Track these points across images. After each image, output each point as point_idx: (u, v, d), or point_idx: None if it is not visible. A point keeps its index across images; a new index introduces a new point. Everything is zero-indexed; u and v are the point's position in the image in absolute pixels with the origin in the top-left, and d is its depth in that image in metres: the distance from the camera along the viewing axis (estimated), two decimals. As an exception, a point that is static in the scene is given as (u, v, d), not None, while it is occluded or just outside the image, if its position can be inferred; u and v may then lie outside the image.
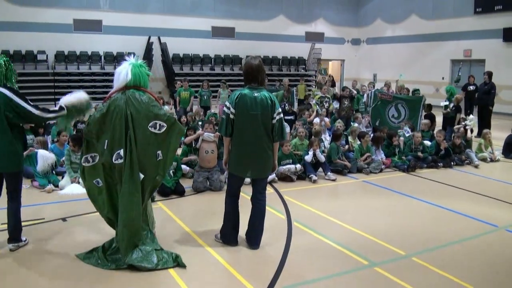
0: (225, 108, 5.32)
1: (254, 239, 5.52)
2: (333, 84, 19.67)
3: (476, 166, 10.51)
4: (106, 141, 4.90)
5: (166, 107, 12.72)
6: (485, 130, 12.03)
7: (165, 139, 5.04)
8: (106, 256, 5.01)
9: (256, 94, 5.22)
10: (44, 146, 8.52)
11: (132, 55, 5.22)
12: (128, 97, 4.92)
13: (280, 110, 5.39)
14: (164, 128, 4.99)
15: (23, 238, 5.50)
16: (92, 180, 5.05)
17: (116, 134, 4.87)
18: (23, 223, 5.61)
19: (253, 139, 5.25)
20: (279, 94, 14.32)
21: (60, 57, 21.74)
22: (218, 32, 25.59)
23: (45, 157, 8.11)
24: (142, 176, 4.92)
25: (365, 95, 14.13)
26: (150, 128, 4.93)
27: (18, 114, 5.07)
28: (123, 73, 5.01)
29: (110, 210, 5.08)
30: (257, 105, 5.19)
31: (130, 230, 4.90)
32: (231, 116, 5.24)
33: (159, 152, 5.01)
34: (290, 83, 18.23)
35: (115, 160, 4.87)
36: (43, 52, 21.27)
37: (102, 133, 4.97)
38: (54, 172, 8.37)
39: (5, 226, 5.45)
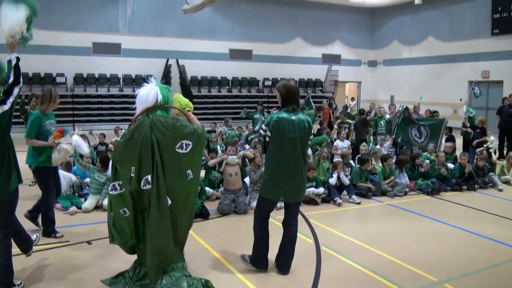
0: (261, 131, 5.26)
1: (284, 264, 5.41)
2: (330, 104, 19.52)
3: (500, 190, 10.35)
4: (133, 168, 4.71)
5: None
6: (511, 153, 11.86)
7: (192, 157, 4.90)
8: (134, 282, 4.91)
9: (293, 117, 5.15)
10: (68, 167, 8.52)
11: (152, 78, 5.12)
12: (152, 120, 4.76)
13: (312, 132, 5.36)
14: (190, 146, 4.82)
15: (17, 282, 4.83)
16: (119, 209, 4.83)
17: (143, 161, 4.71)
18: (47, 246, 5.56)
19: (291, 162, 5.16)
20: (311, 113, 14.34)
21: (79, 79, 21.99)
22: (236, 55, 25.79)
23: (64, 176, 8.10)
24: (170, 201, 4.73)
25: (387, 116, 14.02)
26: (177, 150, 4.76)
27: None
28: (151, 93, 4.87)
29: (136, 239, 4.95)
30: (295, 128, 5.12)
31: (159, 257, 4.79)
32: (267, 139, 5.19)
33: (189, 171, 4.86)
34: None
35: (143, 186, 4.71)
36: (62, 74, 21.52)
37: (126, 159, 4.79)
38: (76, 194, 8.36)
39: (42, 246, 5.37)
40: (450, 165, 10.93)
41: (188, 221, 5.04)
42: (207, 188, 8.47)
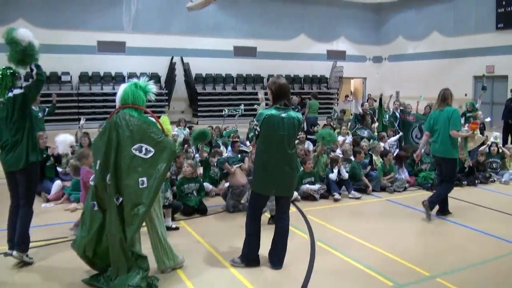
0: (254, 126, 5.36)
1: (277, 258, 5.47)
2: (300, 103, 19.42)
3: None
4: (98, 161, 4.81)
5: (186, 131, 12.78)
6: (508, 145, 11.85)
7: (152, 166, 4.71)
8: (111, 280, 4.81)
9: (283, 115, 5.22)
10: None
11: (138, 76, 5.12)
12: (118, 117, 4.80)
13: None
14: (151, 154, 4.73)
15: (31, 256, 5.39)
16: (91, 201, 4.84)
17: (107, 157, 4.75)
18: (46, 242, 5.63)
19: (279, 158, 5.24)
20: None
21: (84, 78, 22.14)
22: (240, 52, 25.84)
23: (63, 141, 8.29)
24: (121, 199, 4.66)
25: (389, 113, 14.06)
26: (133, 151, 4.68)
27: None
28: (119, 91, 5.02)
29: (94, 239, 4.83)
30: (284, 125, 5.20)
31: (113, 251, 4.74)
32: (257, 132, 5.29)
33: (144, 179, 4.65)
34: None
35: (108, 181, 4.72)
36: (67, 73, 21.65)
37: (95, 152, 4.97)
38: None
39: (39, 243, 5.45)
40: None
41: (129, 233, 4.66)
42: (206, 184, 8.54)
